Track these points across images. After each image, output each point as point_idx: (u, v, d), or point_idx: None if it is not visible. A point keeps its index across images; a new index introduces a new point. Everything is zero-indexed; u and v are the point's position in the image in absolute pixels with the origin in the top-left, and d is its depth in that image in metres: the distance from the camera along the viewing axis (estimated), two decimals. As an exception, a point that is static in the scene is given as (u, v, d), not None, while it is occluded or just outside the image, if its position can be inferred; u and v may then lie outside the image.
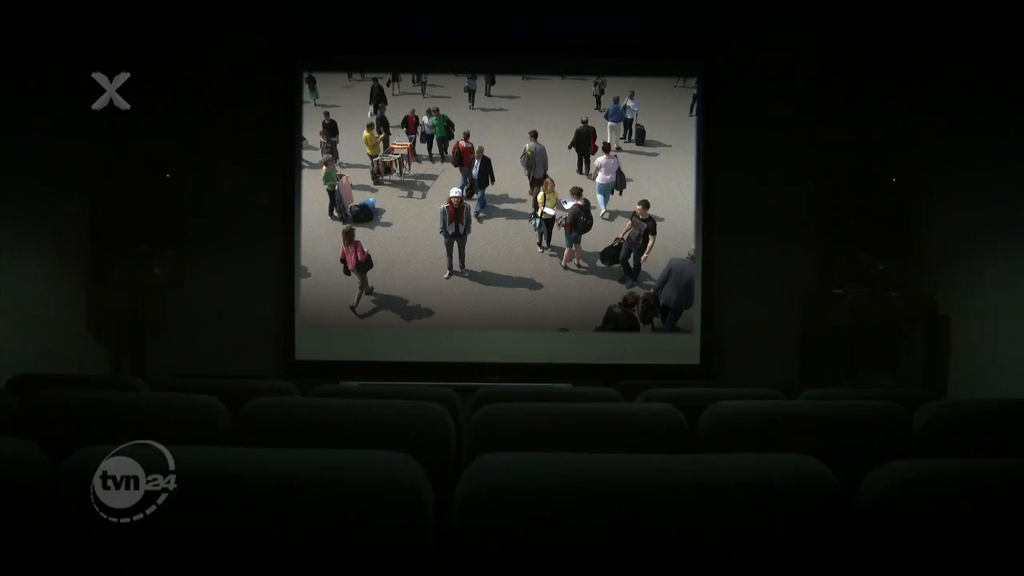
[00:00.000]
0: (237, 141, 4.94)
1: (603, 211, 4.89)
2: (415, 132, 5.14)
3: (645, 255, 4.71)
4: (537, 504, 1.01)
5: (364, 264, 4.95)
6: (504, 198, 4.98)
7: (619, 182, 4.70)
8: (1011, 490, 1.06)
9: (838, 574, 1.01)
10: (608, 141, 4.79)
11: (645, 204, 4.77)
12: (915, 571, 1.01)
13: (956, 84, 4.16)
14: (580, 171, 4.93)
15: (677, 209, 5.03)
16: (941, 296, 4.43)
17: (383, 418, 1.86)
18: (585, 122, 4.91)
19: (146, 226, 4.60)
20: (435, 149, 5.11)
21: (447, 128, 5.10)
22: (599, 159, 4.81)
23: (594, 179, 4.89)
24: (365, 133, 5.09)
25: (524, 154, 4.82)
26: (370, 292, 4.93)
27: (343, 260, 4.99)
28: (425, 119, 5.14)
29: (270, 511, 1.02)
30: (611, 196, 4.83)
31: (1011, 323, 3.78)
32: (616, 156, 4.74)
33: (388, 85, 5.15)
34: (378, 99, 5.11)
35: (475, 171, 4.86)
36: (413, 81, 5.13)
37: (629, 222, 4.71)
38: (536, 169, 4.67)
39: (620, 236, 4.77)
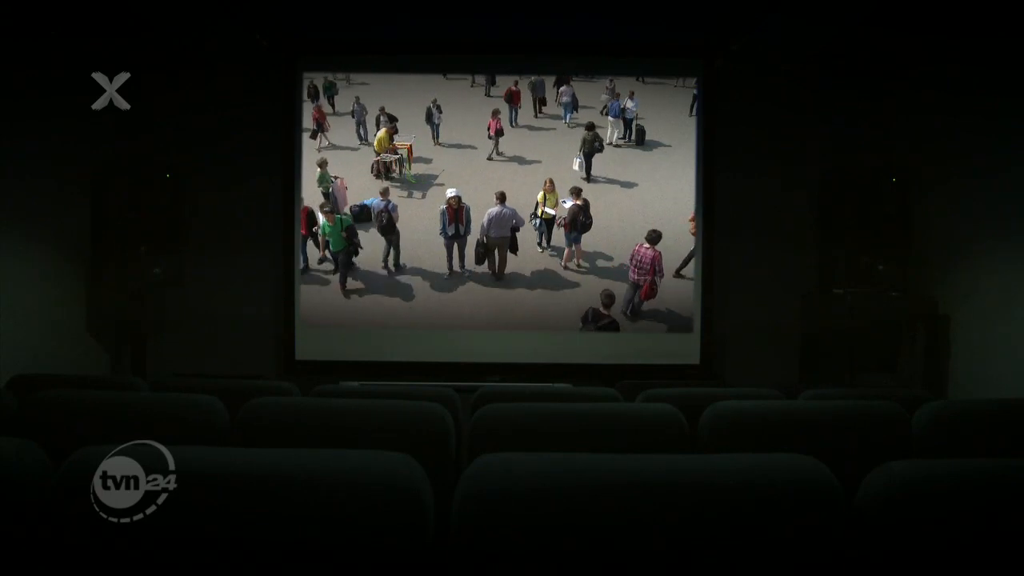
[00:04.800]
0: (237, 141, 4.93)
1: (566, 122, 5.16)
2: (308, 232, 4.91)
3: None
4: (536, 504, 1.01)
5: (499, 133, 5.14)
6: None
7: (574, 104, 5.14)
8: (1010, 490, 1.06)
9: (837, 574, 1.00)
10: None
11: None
12: (914, 571, 1.01)
13: (955, 84, 4.15)
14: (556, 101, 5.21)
15: (677, 209, 5.03)
16: (941, 296, 4.42)
17: (383, 418, 1.86)
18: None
19: (146, 226, 4.59)
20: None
21: (348, 238, 4.94)
22: (560, 89, 5.18)
23: (559, 103, 5.21)
24: (381, 133, 5.05)
25: (529, 80, 5.18)
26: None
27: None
28: (320, 218, 4.93)
29: (270, 511, 1.02)
30: (570, 114, 5.21)
31: (1011, 323, 3.77)
32: (572, 87, 5.14)
33: (315, 137, 5.01)
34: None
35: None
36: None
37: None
38: (536, 91, 5.18)
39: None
